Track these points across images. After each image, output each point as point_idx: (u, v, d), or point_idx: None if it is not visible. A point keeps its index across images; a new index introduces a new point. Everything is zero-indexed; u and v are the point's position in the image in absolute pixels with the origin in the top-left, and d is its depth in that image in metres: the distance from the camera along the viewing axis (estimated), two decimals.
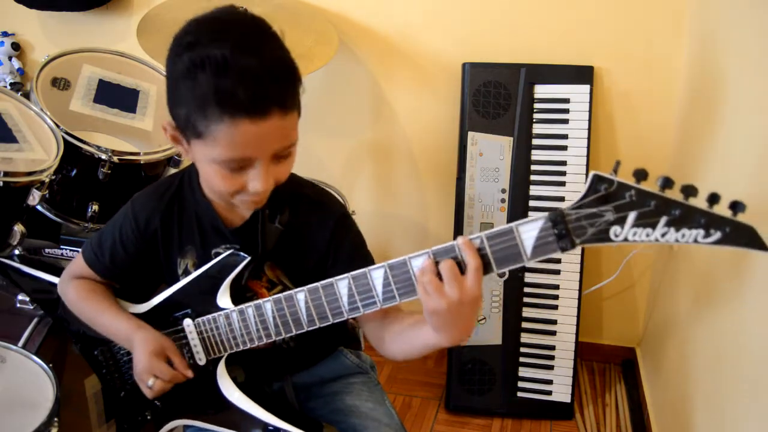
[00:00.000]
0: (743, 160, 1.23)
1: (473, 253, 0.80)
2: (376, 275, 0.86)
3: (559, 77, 1.84)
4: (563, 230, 0.75)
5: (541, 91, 1.85)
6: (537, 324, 1.88)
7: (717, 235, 0.68)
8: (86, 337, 1.19)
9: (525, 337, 1.89)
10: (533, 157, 1.85)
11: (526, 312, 1.89)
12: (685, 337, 1.52)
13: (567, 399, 1.89)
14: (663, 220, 0.70)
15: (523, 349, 1.89)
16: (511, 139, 1.85)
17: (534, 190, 1.86)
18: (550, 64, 1.85)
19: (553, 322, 1.88)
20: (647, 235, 0.71)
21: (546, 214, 0.76)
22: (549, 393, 1.89)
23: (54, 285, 1.20)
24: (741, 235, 0.67)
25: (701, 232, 0.68)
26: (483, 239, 0.80)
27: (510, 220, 1.86)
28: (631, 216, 0.71)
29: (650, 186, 0.71)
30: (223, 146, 0.86)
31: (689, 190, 0.69)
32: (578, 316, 1.86)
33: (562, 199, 1.84)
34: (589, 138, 1.83)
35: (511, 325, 1.88)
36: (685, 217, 0.69)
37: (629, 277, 2.06)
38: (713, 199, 0.68)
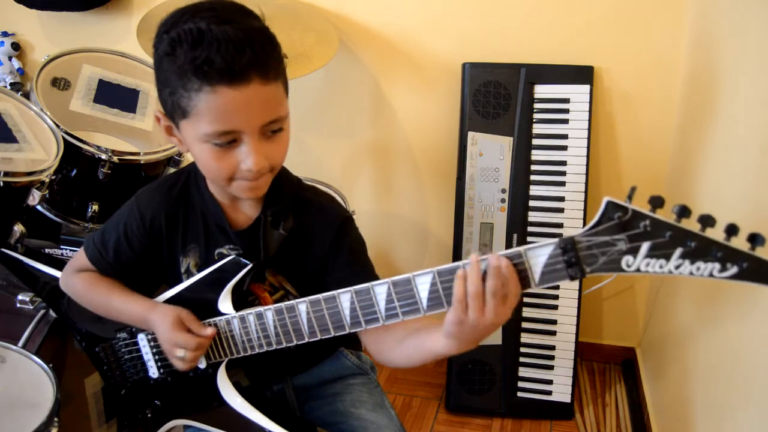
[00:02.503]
0: (743, 160, 1.23)
1: (516, 279, 0.76)
2: (379, 291, 0.85)
3: (559, 77, 1.84)
4: (573, 258, 0.72)
5: (541, 91, 1.85)
6: (537, 324, 1.89)
7: (733, 269, 0.64)
8: (88, 334, 1.19)
9: (525, 337, 1.89)
10: (533, 157, 1.85)
11: (526, 312, 1.89)
12: (685, 336, 1.52)
13: (567, 399, 1.89)
14: (678, 252, 0.67)
15: (523, 349, 1.89)
16: (511, 139, 1.85)
17: (534, 190, 1.86)
18: (550, 64, 1.85)
19: (553, 322, 1.88)
20: (660, 267, 0.68)
21: (556, 240, 0.73)
22: (549, 393, 1.89)
23: (57, 279, 1.20)
24: (759, 271, 0.64)
25: (717, 266, 0.65)
26: (491, 260, 0.77)
27: (510, 220, 1.86)
28: (645, 246, 0.68)
29: (666, 212, 0.68)
30: (207, 119, 0.85)
31: (707, 221, 0.65)
32: (578, 316, 1.87)
33: (562, 199, 1.84)
34: (589, 138, 1.83)
35: (511, 325, 1.88)
36: (700, 249, 0.66)
37: (629, 277, 2.06)
38: (731, 230, 0.64)
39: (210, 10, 0.85)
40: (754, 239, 0.64)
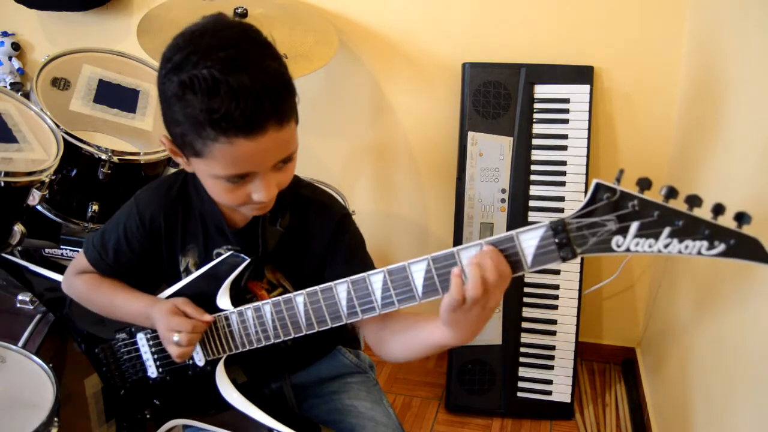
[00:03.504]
0: (744, 159, 1.23)
1: (503, 260, 0.77)
2: (375, 280, 0.86)
3: (559, 77, 1.84)
4: (564, 239, 0.73)
5: (541, 91, 1.85)
6: (537, 324, 1.88)
7: (721, 247, 0.65)
8: (88, 335, 1.19)
9: (525, 337, 1.89)
10: (533, 157, 1.85)
11: (526, 312, 1.89)
12: (685, 336, 1.52)
13: (567, 399, 1.89)
14: (666, 230, 0.68)
15: (523, 349, 1.89)
16: (511, 139, 1.85)
17: (534, 190, 1.86)
18: (550, 64, 1.85)
19: (553, 322, 1.88)
20: (650, 246, 0.69)
21: (547, 222, 0.74)
22: (549, 393, 1.89)
23: (58, 282, 1.20)
24: (746, 248, 0.65)
25: (705, 243, 0.66)
26: (483, 246, 0.78)
27: (510, 220, 1.86)
28: (634, 226, 0.69)
29: (654, 195, 0.69)
30: (222, 165, 0.86)
31: (693, 201, 0.67)
32: (578, 316, 1.86)
33: (562, 199, 1.84)
34: (589, 138, 1.83)
35: (511, 325, 1.88)
36: (688, 228, 0.67)
37: (629, 277, 2.06)
38: (718, 209, 0.66)
39: (220, 48, 0.81)
40: (741, 218, 0.65)
